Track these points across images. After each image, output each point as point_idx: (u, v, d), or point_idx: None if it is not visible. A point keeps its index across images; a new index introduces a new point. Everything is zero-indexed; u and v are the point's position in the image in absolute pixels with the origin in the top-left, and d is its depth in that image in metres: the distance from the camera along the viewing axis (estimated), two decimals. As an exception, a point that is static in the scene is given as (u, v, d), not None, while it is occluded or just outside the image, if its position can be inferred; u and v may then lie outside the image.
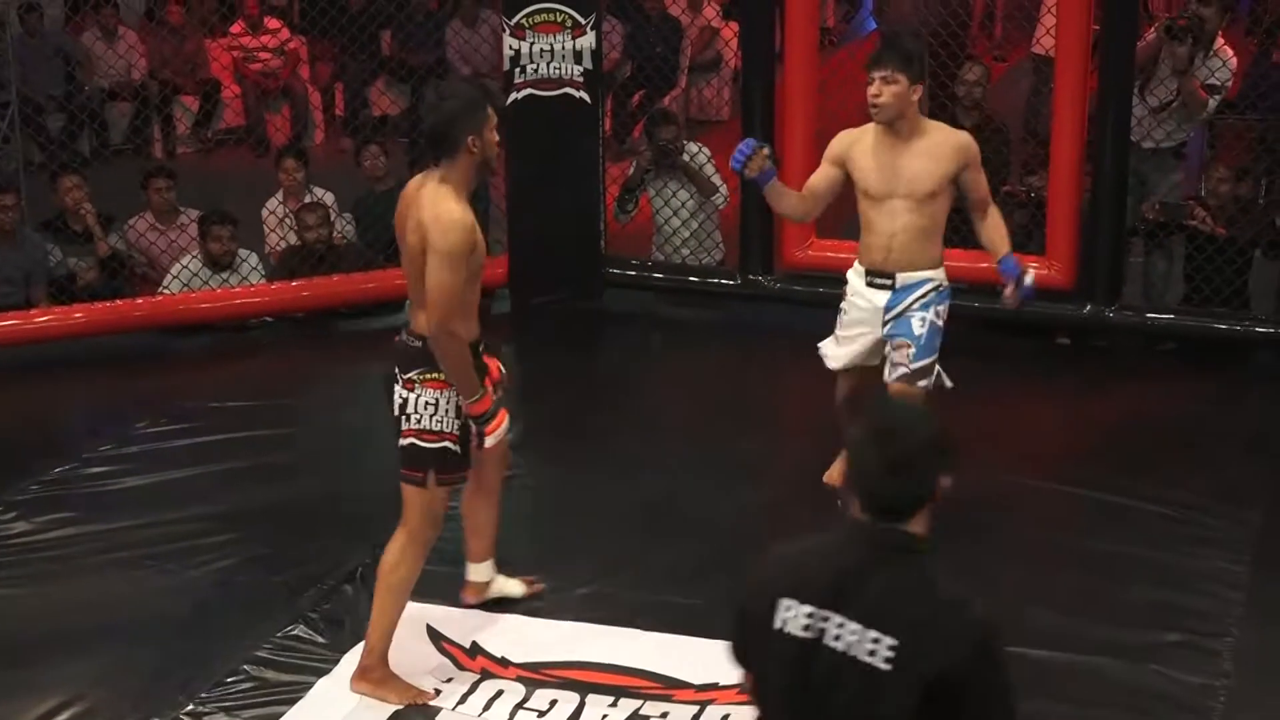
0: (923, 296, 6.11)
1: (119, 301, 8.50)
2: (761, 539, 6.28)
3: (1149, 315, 8.27)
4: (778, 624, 3.03)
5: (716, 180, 8.98)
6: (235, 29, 12.59)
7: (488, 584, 5.72)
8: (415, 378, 5.09)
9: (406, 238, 5.07)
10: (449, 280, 4.93)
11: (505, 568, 5.80)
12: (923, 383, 6.09)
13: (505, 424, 5.22)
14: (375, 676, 5.23)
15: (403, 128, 11.62)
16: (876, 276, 6.17)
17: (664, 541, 6.22)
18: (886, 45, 6.10)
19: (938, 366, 6.16)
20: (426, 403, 5.09)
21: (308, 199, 9.18)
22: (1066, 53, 7.90)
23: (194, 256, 8.77)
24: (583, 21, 8.49)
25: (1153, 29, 8.20)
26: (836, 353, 6.44)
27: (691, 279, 8.93)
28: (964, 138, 6.13)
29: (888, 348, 6.21)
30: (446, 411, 5.10)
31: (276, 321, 8.78)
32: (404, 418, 5.12)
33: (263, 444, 7.17)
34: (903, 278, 6.11)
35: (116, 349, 8.42)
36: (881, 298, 6.17)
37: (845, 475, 3.10)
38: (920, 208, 6.03)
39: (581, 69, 8.54)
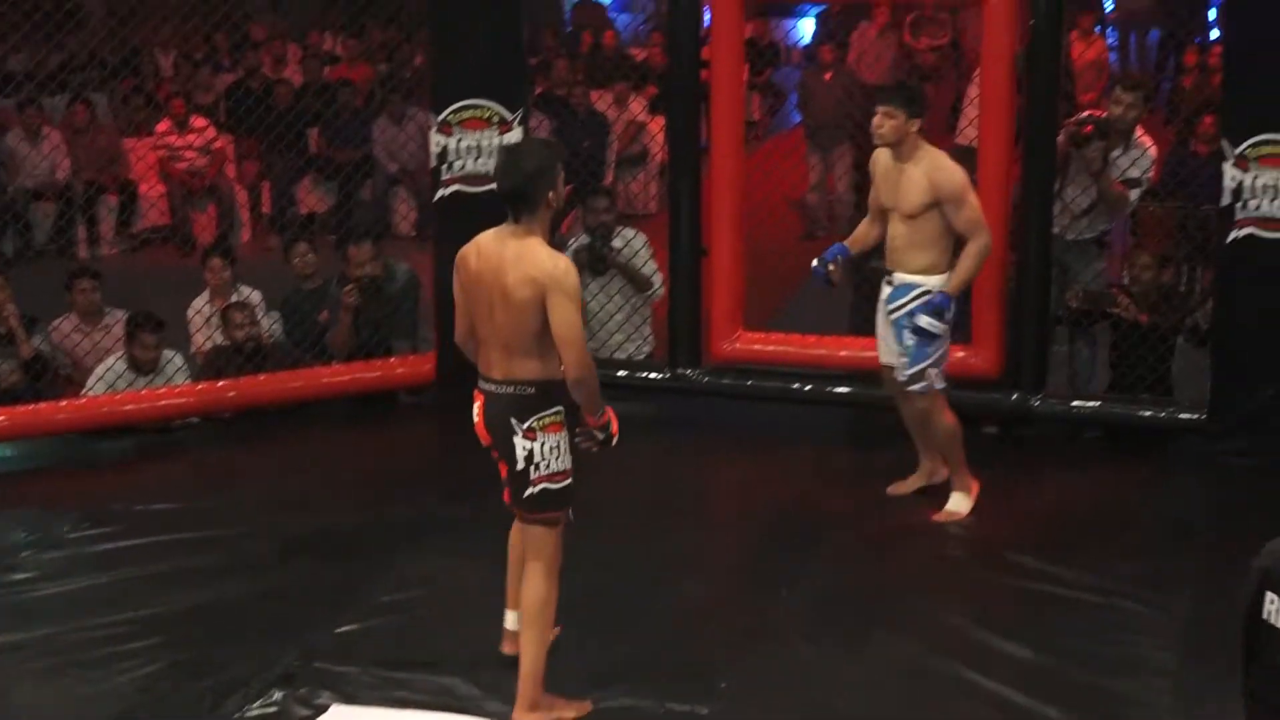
0: (912, 301, 6.94)
1: (42, 404, 8.41)
2: (695, 633, 6.33)
3: (1074, 403, 8.31)
4: (1264, 614, 3.28)
5: (648, 270, 9.00)
6: (161, 127, 12.59)
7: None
8: (536, 425, 5.33)
9: (510, 293, 5.23)
10: (575, 317, 5.21)
11: (429, 665, 5.76)
12: (915, 387, 7.02)
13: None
14: (543, 703, 5.48)
15: (330, 224, 11.62)
16: (885, 273, 7.12)
17: (597, 637, 6.17)
18: (891, 85, 7.38)
19: (933, 370, 7.00)
20: (551, 447, 5.35)
21: (234, 298, 9.14)
22: (989, 143, 7.97)
23: (119, 358, 8.70)
24: (509, 117, 8.51)
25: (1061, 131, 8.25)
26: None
27: (619, 373, 8.90)
28: (940, 174, 6.88)
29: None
30: (565, 451, 5.38)
31: (203, 422, 8.71)
32: (532, 467, 5.35)
33: (188, 547, 7.09)
34: (899, 277, 7.00)
35: (39, 452, 8.34)
36: (886, 291, 7.10)
37: None
38: (911, 222, 6.92)
39: (508, 165, 8.53)
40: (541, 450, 5.34)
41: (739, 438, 8.46)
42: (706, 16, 8.49)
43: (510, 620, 5.81)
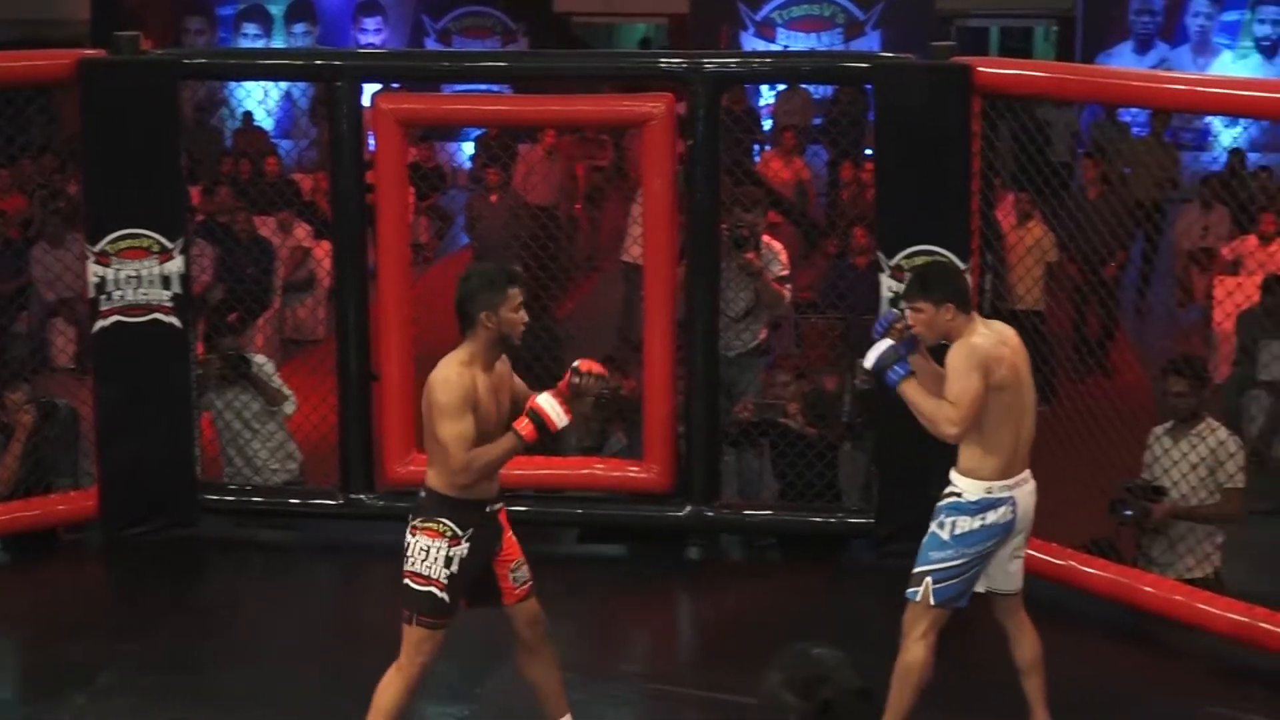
0: (942, 501, 6.07)
1: None
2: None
3: (747, 513, 8.44)
4: None
5: (285, 390, 8.92)
6: None
7: None
8: (417, 524, 5.70)
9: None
10: (447, 433, 5.51)
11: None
12: (909, 590, 6.04)
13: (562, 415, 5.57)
14: None
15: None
16: None
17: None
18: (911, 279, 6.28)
19: (934, 584, 5.97)
20: (421, 548, 5.67)
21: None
22: (653, 260, 8.11)
23: None
24: (170, 246, 8.35)
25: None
26: None
27: (292, 501, 8.78)
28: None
29: None
30: (436, 559, 5.65)
31: None
32: (404, 559, 5.71)
33: None
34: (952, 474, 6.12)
35: None
36: None
37: None
38: None
39: (170, 294, 8.37)
40: (413, 547, 5.68)
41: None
42: (370, 141, 8.48)
43: None
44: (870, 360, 6.07)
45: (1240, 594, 7.29)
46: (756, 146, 16.05)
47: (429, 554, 5.64)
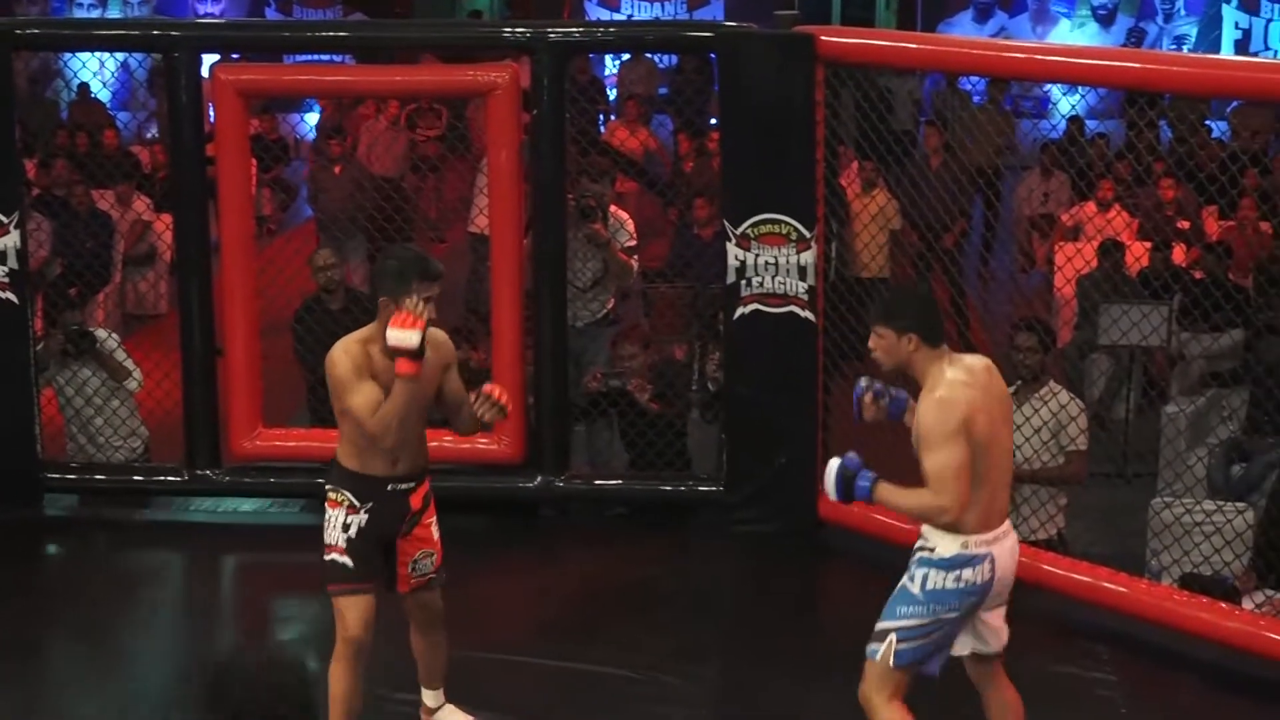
0: (914, 556, 5.42)
1: None
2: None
3: (597, 482, 8.44)
4: None
5: (129, 365, 8.78)
6: None
7: (434, 710, 6.06)
8: (327, 492, 5.73)
9: None
10: (352, 403, 5.52)
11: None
12: (870, 647, 5.36)
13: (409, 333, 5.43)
14: None
15: None
16: None
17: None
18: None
19: (898, 643, 5.31)
20: (327, 518, 5.71)
21: None
22: (499, 231, 8.07)
23: None
24: (5, 221, 8.18)
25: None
26: None
27: (136, 478, 8.65)
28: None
29: None
30: (336, 526, 5.67)
31: None
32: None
33: None
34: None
35: None
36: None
37: None
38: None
39: (6, 269, 8.21)
40: (325, 517, 5.72)
41: (262, 538, 8.30)
42: (210, 113, 8.36)
43: (423, 694, 6.10)
44: (830, 489, 5.37)
45: (1083, 554, 7.43)
46: (602, 116, 16.04)
47: (331, 522, 5.68)
